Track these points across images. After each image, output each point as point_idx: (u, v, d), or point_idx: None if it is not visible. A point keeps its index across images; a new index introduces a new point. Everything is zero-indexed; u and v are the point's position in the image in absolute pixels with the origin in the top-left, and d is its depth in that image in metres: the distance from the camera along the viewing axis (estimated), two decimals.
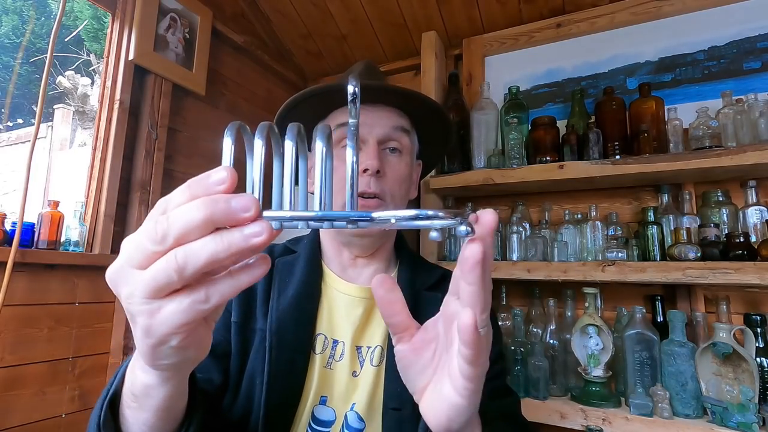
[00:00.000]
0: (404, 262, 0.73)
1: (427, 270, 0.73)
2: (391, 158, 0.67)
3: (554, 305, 1.33)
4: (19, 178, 1.18)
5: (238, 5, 1.77)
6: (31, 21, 7.38)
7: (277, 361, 0.59)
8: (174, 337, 0.26)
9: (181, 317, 0.25)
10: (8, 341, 1.06)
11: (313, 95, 0.67)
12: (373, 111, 0.66)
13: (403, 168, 0.68)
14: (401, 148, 0.68)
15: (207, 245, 0.23)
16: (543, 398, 1.19)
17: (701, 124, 1.19)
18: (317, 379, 0.61)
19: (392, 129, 0.67)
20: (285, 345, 0.60)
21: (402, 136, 0.68)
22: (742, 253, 1.05)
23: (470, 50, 1.69)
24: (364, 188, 0.63)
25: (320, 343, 0.64)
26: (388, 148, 0.67)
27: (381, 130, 0.66)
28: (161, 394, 0.33)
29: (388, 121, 0.67)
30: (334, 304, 0.67)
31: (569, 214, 1.36)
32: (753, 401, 0.97)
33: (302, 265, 0.68)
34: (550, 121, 1.38)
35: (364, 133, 0.65)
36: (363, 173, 0.63)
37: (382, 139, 0.66)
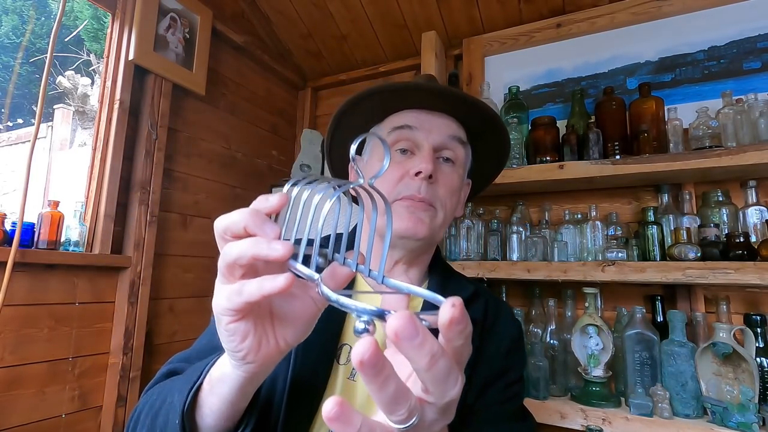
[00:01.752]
0: (435, 274, 0.71)
1: (459, 285, 0.71)
2: (444, 167, 0.65)
3: (554, 305, 1.33)
4: (19, 178, 1.18)
5: (238, 5, 1.77)
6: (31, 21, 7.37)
7: (300, 368, 0.58)
8: (223, 318, 0.33)
9: (224, 301, 0.32)
10: (8, 341, 1.06)
11: (373, 94, 0.64)
12: (431, 116, 0.64)
13: (456, 179, 0.65)
14: (455, 159, 0.65)
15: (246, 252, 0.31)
16: (543, 398, 1.19)
17: (701, 124, 1.19)
18: (340, 389, 0.60)
19: (449, 137, 0.64)
20: (309, 353, 0.59)
21: (458, 146, 0.65)
22: (742, 253, 1.05)
23: (470, 50, 1.69)
24: (414, 192, 0.61)
25: (345, 353, 0.62)
26: (442, 157, 0.65)
27: (438, 136, 0.63)
28: (232, 382, 0.38)
29: (446, 129, 0.64)
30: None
31: (569, 214, 1.36)
32: (753, 401, 0.97)
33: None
34: (550, 121, 1.38)
35: (420, 137, 0.63)
36: (415, 176, 0.61)
37: (438, 146, 0.64)
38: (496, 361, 0.65)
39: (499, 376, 0.65)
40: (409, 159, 0.63)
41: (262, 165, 1.89)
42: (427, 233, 0.62)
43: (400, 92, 0.64)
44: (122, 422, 1.24)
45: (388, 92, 0.64)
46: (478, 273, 1.30)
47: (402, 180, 0.62)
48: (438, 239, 0.67)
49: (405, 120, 0.64)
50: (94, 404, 1.23)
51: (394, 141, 0.64)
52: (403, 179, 0.62)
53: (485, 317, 0.68)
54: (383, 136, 0.65)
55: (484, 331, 0.67)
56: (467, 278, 0.76)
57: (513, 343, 0.68)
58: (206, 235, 1.59)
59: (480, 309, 0.68)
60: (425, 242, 0.64)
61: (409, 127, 0.63)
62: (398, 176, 0.62)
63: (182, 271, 1.50)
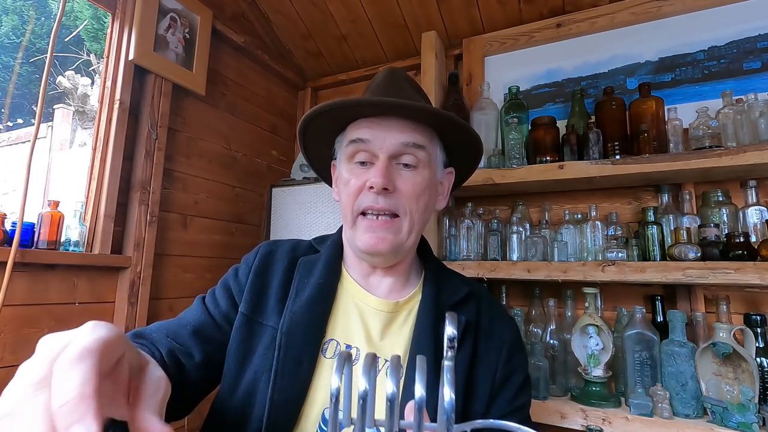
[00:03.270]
0: (430, 276, 0.71)
1: (454, 286, 0.71)
2: (404, 173, 0.64)
3: (554, 305, 1.33)
4: (19, 178, 1.18)
5: (238, 5, 1.77)
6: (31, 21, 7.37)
7: (284, 361, 0.59)
8: None
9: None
10: (8, 341, 1.06)
11: (329, 110, 0.65)
12: (385, 125, 0.64)
13: (419, 182, 0.65)
14: (416, 162, 0.65)
15: None
16: (543, 398, 1.19)
17: (701, 124, 1.19)
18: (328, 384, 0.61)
19: (402, 145, 0.63)
20: (294, 345, 0.60)
21: (416, 150, 0.64)
22: (742, 253, 1.05)
23: (470, 50, 1.69)
24: (371, 204, 0.62)
25: (332, 348, 0.64)
26: (402, 163, 0.64)
27: (392, 146, 0.63)
28: None
29: (399, 136, 0.63)
30: (350, 311, 0.67)
31: (569, 214, 1.36)
32: (753, 401, 0.97)
33: (321, 267, 0.68)
34: (550, 121, 1.38)
35: (375, 148, 0.63)
36: (369, 190, 0.62)
37: (393, 154, 0.64)
38: (498, 370, 0.66)
39: (504, 384, 0.65)
40: (367, 170, 0.64)
41: (262, 165, 1.89)
42: (389, 247, 0.63)
43: (351, 107, 0.65)
44: None
45: (338, 108, 0.65)
46: (478, 273, 1.30)
47: (361, 192, 0.64)
48: (410, 243, 0.67)
49: (360, 133, 0.64)
50: None
51: (353, 153, 0.65)
52: (362, 191, 0.64)
53: (478, 319, 0.69)
54: (344, 148, 0.67)
55: (478, 333, 0.67)
56: (463, 278, 0.76)
57: (512, 347, 0.69)
58: (206, 235, 1.59)
59: (472, 310, 0.69)
60: (392, 253, 0.65)
61: (363, 140, 0.64)
62: (358, 188, 0.64)
63: (182, 271, 1.50)
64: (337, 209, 1.58)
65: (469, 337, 0.66)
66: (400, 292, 0.70)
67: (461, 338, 0.64)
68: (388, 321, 0.66)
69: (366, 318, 0.66)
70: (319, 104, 0.67)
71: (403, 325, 0.67)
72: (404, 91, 0.69)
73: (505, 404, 0.64)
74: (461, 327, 0.65)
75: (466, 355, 0.64)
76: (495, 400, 0.64)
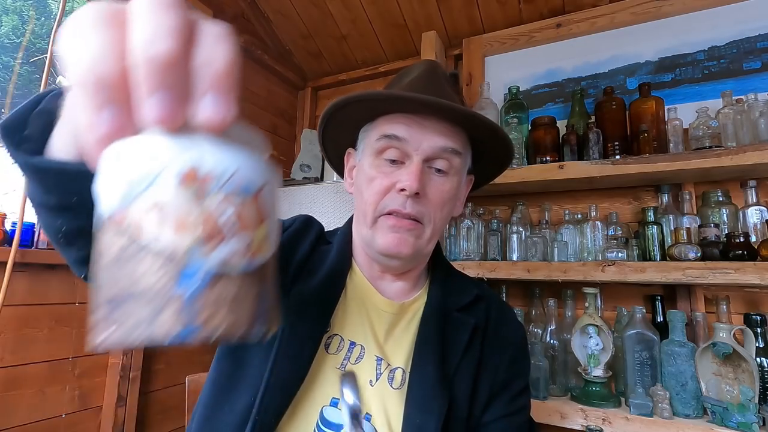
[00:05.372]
0: (437, 279, 0.69)
1: (462, 288, 0.69)
2: (435, 178, 0.61)
3: (554, 305, 1.33)
4: (19, 178, 1.17)
5: (238, 5, 1.77)
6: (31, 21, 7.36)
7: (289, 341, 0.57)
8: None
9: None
10: (8, 341, 1.06)
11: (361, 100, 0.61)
12: (423, 124, 0.59)
13: (448, 190, 0.61)
14: (448, 168, 0.61)
15: None
16: (543, 398, 1.19)
17: (701, 124, 1.19)
18: (329, 380, 0.59)
19: (442, 149, 0.60)
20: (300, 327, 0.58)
21: (452, 157, 0.61)
22: (742, 253, 1.05)
23: (470, 50, 1.69)
24: (398, 207, 0.58)
25: (335, 344, 0.61)
26: (434, 167, 0.61)
27: (429, 149, 0.59)
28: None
29: (438, 139, 0.59)
30: (357, 306, 0.64)
31: (569, 214, 1.36)
32: (753, 401, 0.97)
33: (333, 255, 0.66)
34: (550, 121, 1.38)
35: (410, 149, 0.59)
36: (399, 192, 0.58)
37: (429, 157, 0.60)
38: (500, 372, 0.64)
39: (504, 387, 0.64)
40: (398, 170, 0.60)
41: None
42: (411, 252, 0.60)
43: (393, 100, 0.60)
44: (122, 422, 1.24)
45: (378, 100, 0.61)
46: (478, 273, 1.30)
47: (388, 193, 0.60)
48: (428, 250, 0.65)
49: (395, 129, 0.60)
50: (94, 404, 1.23)
51: (383, 149, 0.61)
52: (389, 192, 0.59)
53: (487, 323, 0.67)
54: (372, 141, 0.62)
55: (486, 339, 0.65)
56: (472, 280, 0.74)
57: (517, 352, 0.67)
58: None
59: (482, 314, 0.67)
60: (411, 258, 0.62)
61: (398, 138, 0.59)
62: (385, 187, 0.60)
63: None
64: (337, 209, 1.58)
65: (477, 342, 0.64)
66: (408, 294, 0.68)
67: (468, 343, 0.63)
68: (393, 322, 0.64)
69: (371, 317, 0.64)
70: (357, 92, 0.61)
71: (407, 328, 0.65)
72: (444, 90, 0.64)
73: (502, 407, 0.63)
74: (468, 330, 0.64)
75: (473, 359, 0.62)
76: (493, 402, 0.63)
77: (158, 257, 0.18)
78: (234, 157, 0.20)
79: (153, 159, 0.19)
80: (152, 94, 0.19)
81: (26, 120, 0.37)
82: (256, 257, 0.20)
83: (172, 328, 0.18)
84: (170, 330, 0.18)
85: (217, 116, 0.20)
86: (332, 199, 1.59)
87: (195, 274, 0.18)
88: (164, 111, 0.19)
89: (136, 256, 0.18)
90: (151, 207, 0.18)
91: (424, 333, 0.62)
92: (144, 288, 0.18)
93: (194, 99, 0.20)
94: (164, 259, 0.18)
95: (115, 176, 0.19)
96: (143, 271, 0.18)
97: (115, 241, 0.19)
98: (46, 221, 0.40)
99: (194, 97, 0.20)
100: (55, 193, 0.37)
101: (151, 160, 0.19)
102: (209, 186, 0.19)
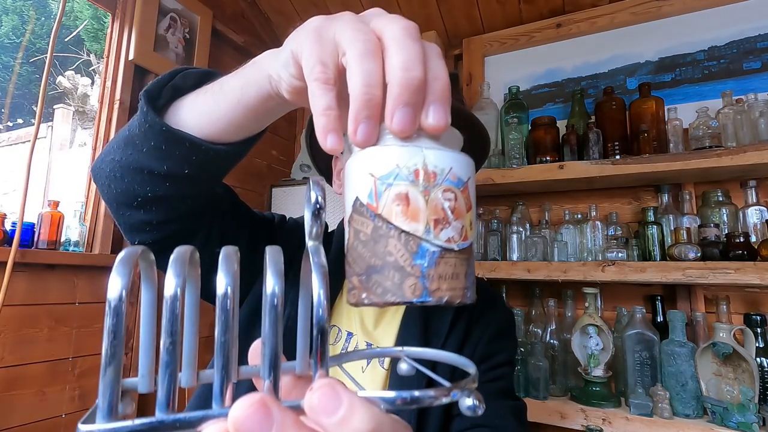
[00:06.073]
0: None
1: None
2: None
3: (554, 305, 1.33)
4: (19, 178, 1.18)
5: (238, 5, 1.77)
6: (31, 21, 7.37)
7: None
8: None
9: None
10: (8, 341, 1.06)
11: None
12: None
13: None
14: None
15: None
16: (543, 398, 1.19)
17: (701, 124, 1.19)
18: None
19: None
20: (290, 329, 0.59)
21: None
22: (742, 253, 1.05)
23: (470, 50, 1.69)
24: None
25: (333, 334, 0.64)
26: None
27: None
28: (260, 94, 0.38)
29: None
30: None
31: (569, 214, 1.36)
32: (753, 401, 0.97)
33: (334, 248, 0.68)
34: (550, 121, 1.38)
35: None
36: None
37: None
38: (480, 345, 0.65)
39: (483, 360, 0.65)
40: None
41: (262, 165, 1.89)
42: None
43: None
44: None
45: None
46: (478, 273, 1.30)
47: None
48: None
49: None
50: (93, 404, 1.23)
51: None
52: None
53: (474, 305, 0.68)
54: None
55: (472, 318, 0.67)
56: None
57: (499, 331, 0.68)
58: None
59: None
60: None
61: None
62: None
63: None
64: (337, 209, 1.58)
65: (462, 322, 0.65)
66: None
67: (452, 322, 0.64)
68: (381, 311, 0.66)
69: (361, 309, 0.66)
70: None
71: (394, 314, 0.67)
72: None
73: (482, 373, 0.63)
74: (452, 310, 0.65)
75: (456, 340, 0.64)
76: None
77: (401, 238, 0.23)
78: (449, 156, 0.24)
79: (393, 161, 0.24)
80: (400, 109, 0.23)
81: (161, 91, 0.44)
82: (467, 239, 0.24)
83: (413, 294, 0.22)
84: (411, 296, 0.22)
85: (440, 123, 0.24)
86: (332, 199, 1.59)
87: (426, 252, 0.23)
88: (407, 124, 0.24)
89: (386, 235, 0.23)
90: (394, 198, 0.23)
91: (409, 314, 0.65)
92: (392, 261, 0.23)
93: (423, 107, 0.24)
94: (405, 239, 0.23)
95: (368, 174, 0.24)
96: (391, 249, 0.23)
97: (369, 223, 0.24)
98: (130, 186, 0.46)
99: (423, 106, 0.24)
100: (172, 160, 0.44)
101: (393, 161, 0.24)
102: (434, 181, 0.23)
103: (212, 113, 0.42)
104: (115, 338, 0.18)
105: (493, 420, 0.59)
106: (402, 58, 0.24)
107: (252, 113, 0.40)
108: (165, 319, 0.19)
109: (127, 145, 0.46)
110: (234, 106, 0.40)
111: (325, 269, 0.21)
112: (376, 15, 0.27)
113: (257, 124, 0.43)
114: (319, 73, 0.26)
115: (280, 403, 0.18)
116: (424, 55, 0.25)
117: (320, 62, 0.26)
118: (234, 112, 0.41)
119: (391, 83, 0.24)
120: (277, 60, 0.34)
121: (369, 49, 0.25)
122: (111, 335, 0.18)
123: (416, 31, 0.25)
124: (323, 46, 0.27)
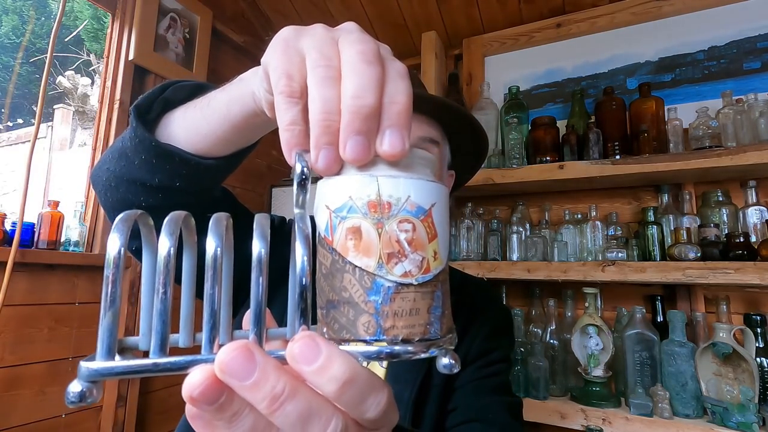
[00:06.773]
0: None
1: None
2: None
3: (554, 305, 1.33)
4: (19, 178, 1.18)
5: (238, 5, 1.77)
6: (31, 21, 7.37)
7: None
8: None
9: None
10: (8, 341, 1.06)
11: None
12: None
13: None
14: None
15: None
16: (543, 398, 1.19)
17: (701, 124, 1.19)
18: None
19: (419, 140, 0.61)
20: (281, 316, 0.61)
21: (431, 147, 0.62)
22: (742, 253, 1.05)
23: (470, 50, 1.69)
24: None
25: None
26: None
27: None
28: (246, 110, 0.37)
29: (415, 131, 0.61)
30: None
31: (569, 214, 1.36)
32: (753, 401, 0.97)
33: None
34: (550, 121, 1.38)
35: None
36: None
37: None
38: (475, 343, 0.65)
39: (480, 356, 0.65)
40: None
41: (262, 165, 1.89)
42: None
43: None
44: (122, 422, 1.24)
45: None
46: (478, 273, 1.30)
47: None
48: None
49: None
50: (93, 404, 1.23)
51: None
52: None
53: (473, 302, 0.69)
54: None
55: (470, 315, 0.67)
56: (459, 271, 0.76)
57: (495, 328, 0.68)
58: None
59: (468, 293, 0.69)
60: None
61: None
62: None
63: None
64: None
65: (459, 318, 0.65)
66: None
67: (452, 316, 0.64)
68: None
69: None
70: None
71: None
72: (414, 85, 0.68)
73: (474, 371, 0.63)
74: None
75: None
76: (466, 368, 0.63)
77: (356, 273, 0.22)
78: (407, 184, 0.23)
79: (346, 193, 0.23)
80: (351, 137, 0.23)
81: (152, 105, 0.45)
82: (430, 271, 0.23)
83: (365, 332, 0.22)
84: (365, 334, 0.22)
85: (396, 149, 0.23)
86: None
87: (381, 288, 0.22)
88: (360, 152, 0.23)
89: (342, 270, 0.22)
90: (347, 233, 0.22)
91: None
92: (347, 297, 0.22)
93: (378, 133, 0.23)
94: (360, 275, 0.22)
95: (324, 207, 0.24)
96: (346, 284, 0.22)
97: (329, 256, 0.23)
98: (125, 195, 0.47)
99: (378, 132, 0.24)
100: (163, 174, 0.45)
101: (346, 193, 0.23)
102: (388, 212, 0.23)
103: (200, 128, 0.42)
104: (113, 286, 0.21)
105: (486, 414, 0.59)
106: (353, 85, 0.23)
107: (238, 130, 0.40)
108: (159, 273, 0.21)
109: (121, 156, 0.46)
110: (221, 122, 0.40)
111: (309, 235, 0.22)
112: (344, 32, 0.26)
113: (245, 140, 0.43)
114: (284, 86, 0.25)
115: (263, 350, 0.20)
116: (380, 79, 0.24)
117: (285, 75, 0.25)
118: (221, 128, 0.41)
119: (342, 112, 0.23)
120: (257, 76, 0.33)
121: (329, 75, 0.24)
122: (110, 284, 0.21)
123: (373, 53, 0.24)
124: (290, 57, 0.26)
